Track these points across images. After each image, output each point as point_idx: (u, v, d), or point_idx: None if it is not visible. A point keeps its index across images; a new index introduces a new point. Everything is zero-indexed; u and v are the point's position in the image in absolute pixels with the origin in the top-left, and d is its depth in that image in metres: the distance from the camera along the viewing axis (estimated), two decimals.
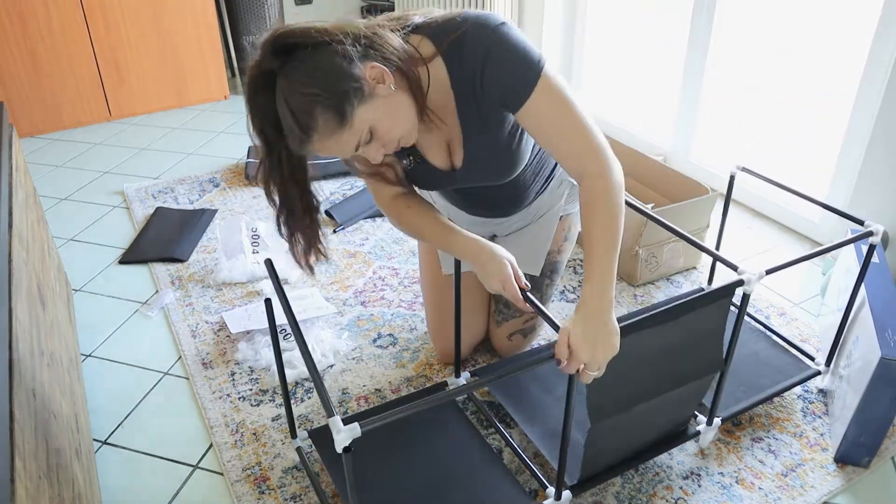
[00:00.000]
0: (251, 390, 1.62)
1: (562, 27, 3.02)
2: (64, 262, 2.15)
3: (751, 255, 2.14)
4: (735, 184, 1.71)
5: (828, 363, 1.57)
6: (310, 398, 1.59)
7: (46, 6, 2.87)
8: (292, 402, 1.58)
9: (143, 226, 2.32)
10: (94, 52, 3.05)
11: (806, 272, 2.04)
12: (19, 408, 0.91)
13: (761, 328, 1.73)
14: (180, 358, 1.74)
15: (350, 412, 1.55)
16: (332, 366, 1.69)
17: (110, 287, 2.03)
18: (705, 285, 1.91)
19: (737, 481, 1.39)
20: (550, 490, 1.27)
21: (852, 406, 1.37)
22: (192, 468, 1.45)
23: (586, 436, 1.19)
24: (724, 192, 1.74)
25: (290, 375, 1.62)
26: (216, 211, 2.40)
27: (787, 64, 2.47)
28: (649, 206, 1.84)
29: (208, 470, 1.44)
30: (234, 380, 1.66)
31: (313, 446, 1.42)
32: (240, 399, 1.60)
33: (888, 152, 1.86)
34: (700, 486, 1.38)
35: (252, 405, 1.58)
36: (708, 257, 2.05)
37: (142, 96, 3.25)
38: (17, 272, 1.21)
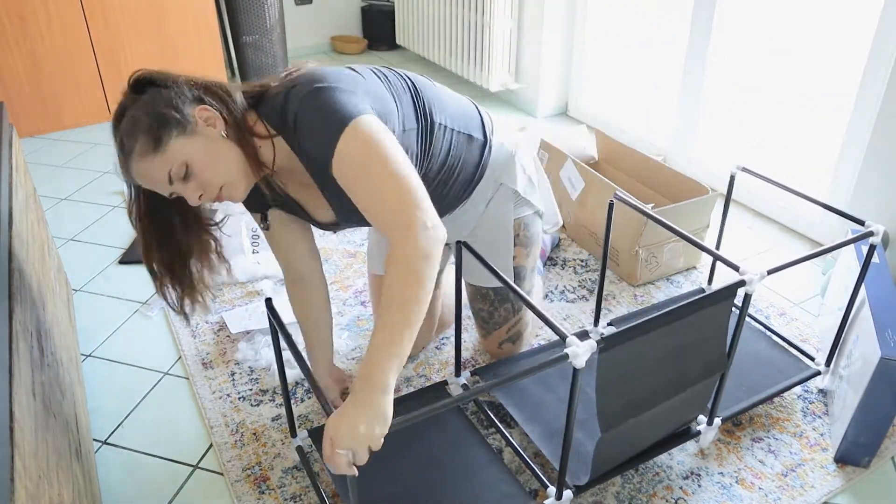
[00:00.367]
0: (251, 390, 1.62)
1: (562, 27, 3.02)
2: (64, 262, 2.14)
3: (751, 255, 2.14)
4: (735, 184, 1.71)
5: (828, 363, 1.57)
6: (310, 398, 1.59)
7: (46, 6, 2.87)
8: (292, 401, 1.58)
9: None
10: (94, 52, 3.05)
11: (806, 272, 2.04)
12: (19, 408, 0.91)
13: (761, 328, 1.73)
14: (180, 358, 1.74)
15: None
16: None
17: (110, 287, 2.03)
18: (705, 285, 1.91)
19: (737, 481, 1.39)
20: (551, 490, 1.27)
21: (852, 406, 1.37)
22: (192, 468, 1.45)
23: (596, 444, 1.19)
24: (724, 192, 1.74)
25: (290, 375, 1.62)
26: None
27: (787, 64, 2.47)
28: (649, 206, 1.84)
29: (208, 470, 1.44)
30: (234, 380, 1.66)
31: (313, 446, 1.42)
32: (240, 399, 1.60)
33: (888, 152, 1.86)
34: (700, 486, 1.38)
35: (252, 405, 1.58)
36: (708, 257, 2.05)
37: None
38: (17, 272, 1.21)
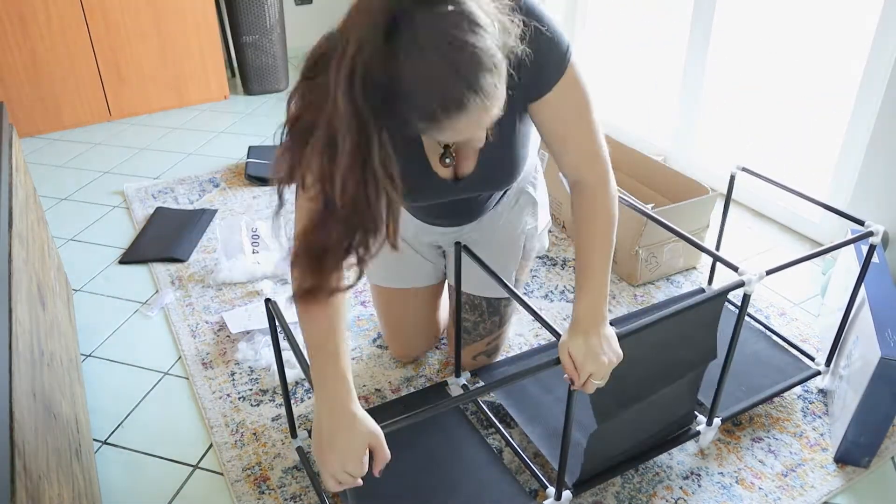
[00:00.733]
0: (251, 390, 1.62)
1: (562, 27, 3.02)
2: (64, 262, 2.14)
3: (751, 255, 2.13)
4: (735, 184, 1.71)
5: (828, 363, 1.57)
6: (310, 398, 1.59)
7: (46, 6, 2.87)
8: (292, 401, 1.58)
9: (143, 226, 2.32)
10: (94, 52, 3.05)
11: (806, 272, 2.04)
12: (19, 408, 0.91)
13: (761, 328, 1.73)
14: (180, 358, 1.74)
15: None
16: None
17: (110, 287, 2.03)
18: (705, 285, 1.91)
19: (737, 481, 1.39)
20: (551, 490, 1.27)
21: (852, 406, 1.37)
22: (192, 468, 1.45)
23: (589, 437, 1.19)
24: (724, 192, 1.74)
25: (290, 375, 1.62)
26: (216, 211, 2.40)
27: (787, 64, 2.47)
28: (649, 206, 1.84)
29: (208, 470, 1.44)
30: (234, 380, 1.66)
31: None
32: (240, 399, 1.60)
33: (888, 152, 1.86)
34: (700, 486, 1.38)
35: (252, 405, 1.58)
36: (708, 257, 2.05)
37: (142, 96, 3.25)
38: (17, 272, 1.21)
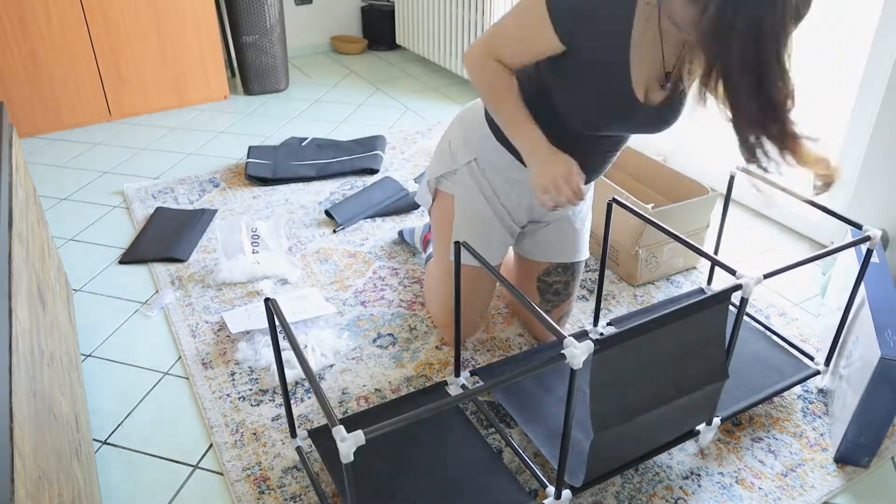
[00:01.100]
0: (251, 390, 1.63)
1: None
2: (64, 262, 2.15)
3: (751, 256, 2.14)
4: (735, 184, 1.71)
5: (827, 363, 1.57)
6: (310, 398, 1.59)
7: (46, 6, 2.87)
8: (292, 401, 1.58)
9: (143, 226, 2.32)
10: (94, 52, 3.05)
11: (806, 272, 2.04)
12: (19, 408, 0.91)
13: (761, 328, 1.73)
14: (180, 358, 1.75)
15: (350, 412, 1.55)
16: (331, 366, 1.69)
17: (110, 287, 2.03)
18: (705, 285, 1.91)
19: (737, 481, 1.39)
20: (550, 490, 1.27)
21: (852, 406, 1.37)
22: (192, 468, 1.45)
23: (590, 444, 1.19)
24: (723, 193, 1.74)
25: (290, 375, 1.62)
26: (216, 211, 2.40)
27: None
28: (650, 206, 1.84)
29: (208, 470, 1.44)
30: (234, 380, 1.66)
31: (313, 446, 1.43)
32: (240, 399, 1.60)
33: (888, 152, 1.86)
34: (700, 486, 1.38)
35: (252, 405, 1.58)
36: None
37: (142, 96, 3.25)
38: (17, 272, 1.21)
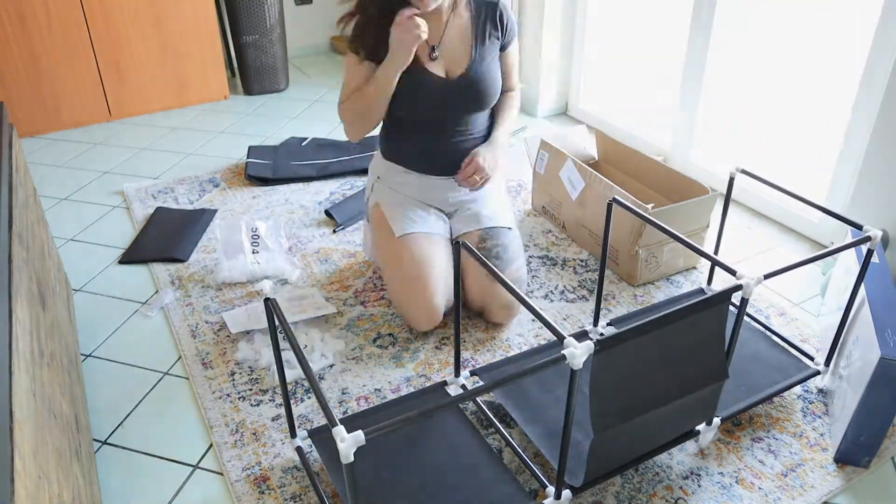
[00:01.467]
0: (251, 390, 1.63)
1: (562, 27, 3.02)
2: (64, 262, 2.15)
3: (751, 256, 2.14)
4: (735, 184, 1.71)
5: (827, 363, 1.57)
6: (309, 398, 1.59)
7: (46, 6, 2.87)
8: (292, 401, 1.58)
9: (143, 226, 2.32)
10: (94, 52, 3.05)
11: (806, 272, 2.04)
12: (19, 408, 0.91)
13: (761, 328, 1.73)
14: (180, 358, 1.74)
15: (350, 412, 1.55)
16: (332, 366, 1.69)
17: (110, 287, 2.03)
18: (705, 285, 1.91)
19: (737, 481, 1.39)
20: (550, 489, 1.27)
21: (852, 406, 1.37)
22: (192, 468, 1.45)
23: (590, 444, 1.19)
24: (724, 193, 1.74)
25: (289, 375, 1.62)
26: (216, 211, 2.40)
27: (787, 65, 2.47)
28: (650, 206, 1.84)
29: (208, 470, 1.44)
30: (234, 380, 1.66)
31: (313, 446, 1.42)
32: (240, 399, 1.60)
33: (888, 151, 1.86)
34: (700, 486, 1.38)
35: (252, 405, 1.58)
36: None
37: (142, 96, 3.25)
38: (17, 272, 1.21)
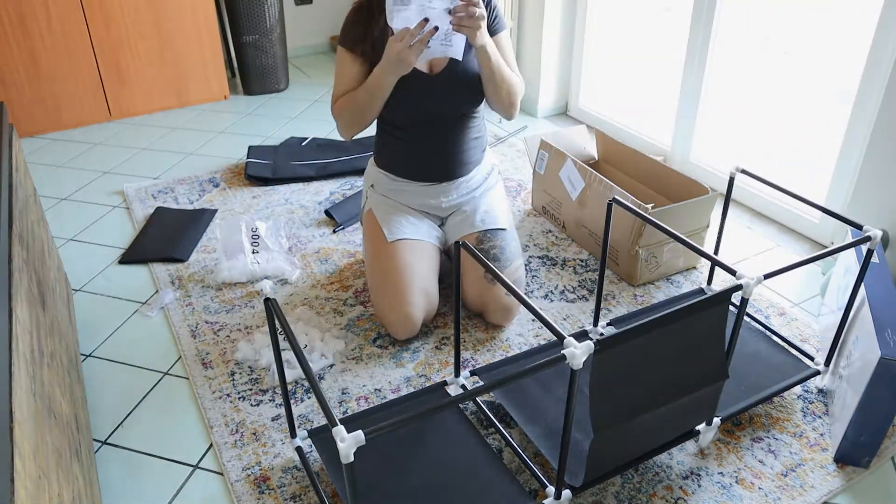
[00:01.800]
0: (251, 390, 1.63)
1: (561, 27, 3.03)
2: (64, 262, 2.15)
3: (751, 256, 2.14)
4: (735, 184, 1.71)
5: (827, 363, 1.57)
6: (309, 398, 1.59)
7: (46, 6, 2.87)
8: (292, 401, 1.58)
9: (143, 226, 2.32)
10: (94, 52, 3.05)
11: (806, 272, 2.04)
12: (19, 408, 0.91)
13: (761, 328, 1.73)
14: (180, 358, 1.75)
15: (350, 412, 1.55)
16: (332, 366, 1.69)
17: (110, 287, 2.03)
18: (705, 285, 1.91)
19: (737, 481, 1.39)
20: (550, 489, 1.27)
21: (852, 406, 1.37)
22: (192, 468, 1.45)
23: (590, 444, 1.19)
24: (724, 192, 1.74)
25: (289, 375, 1.62)
26: (216, 211, 2.40)
27: (787, 65, 2.47)
28: (650, 206, 1.84)
29: (208, 470, 1.44)
30: (234, 380, 1.66)
31: (313, 446, 1.42)
32: (240, 399, 1.60)
33: (888, 151, 1.86)
34: (700, 486, 1.38)
35: (252, 405, 1.58)
36: None
37: (142, 96, 3.25)
38: (17, 272, 1.21)
